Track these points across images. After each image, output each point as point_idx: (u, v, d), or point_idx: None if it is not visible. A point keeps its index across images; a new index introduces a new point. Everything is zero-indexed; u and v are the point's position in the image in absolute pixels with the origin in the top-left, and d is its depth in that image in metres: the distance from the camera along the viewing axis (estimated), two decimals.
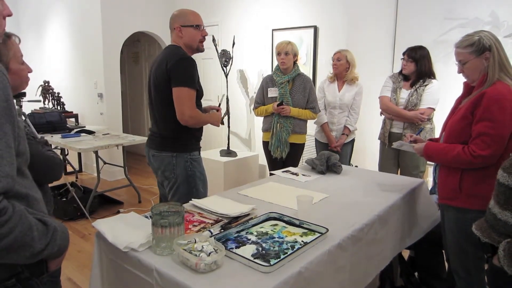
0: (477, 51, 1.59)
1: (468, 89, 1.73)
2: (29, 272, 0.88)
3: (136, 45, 6.09)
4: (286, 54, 2.91)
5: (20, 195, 0.84)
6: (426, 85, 2.73)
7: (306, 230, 1.39)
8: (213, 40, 4.25)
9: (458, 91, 1.84)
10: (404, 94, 2.81)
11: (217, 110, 2.22)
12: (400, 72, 2.88)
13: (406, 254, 2.36)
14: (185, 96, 1.91)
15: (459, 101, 1.78)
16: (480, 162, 1.56)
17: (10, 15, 0.92)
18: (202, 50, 2.11)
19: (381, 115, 2.99)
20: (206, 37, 2.09)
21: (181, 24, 2.00)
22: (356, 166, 3.23)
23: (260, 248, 1.24)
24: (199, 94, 2.03)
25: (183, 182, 2.02)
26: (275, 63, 3.10)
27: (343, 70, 3.08)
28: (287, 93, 2.95)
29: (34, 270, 0.90)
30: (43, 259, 0.91)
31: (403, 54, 2.81)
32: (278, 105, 2.91)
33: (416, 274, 2.31)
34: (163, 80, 1.94)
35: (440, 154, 1.69)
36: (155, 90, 2.01)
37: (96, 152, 3.84)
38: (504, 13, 2.87)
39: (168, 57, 1.95)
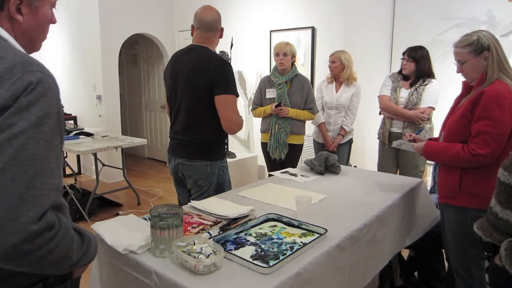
0: (475, 50, 1.59)
1: (467, 88, 1.74)
2: (54, 278, 0.88)
3: (134, 47, 6.09)
4: (284, 55, 2.91)
5: (58, 205, 0.81)
6: (426, 85, 2.75)
7: (305, 231, 1.39)
8: None
9: (455, 90, 1.84)
10: (404, 93, 2.82)
11: None
12: (400, 72, 2.88)
13: (405, 253, 2.36)
14: (233, 104, 1.86)
15: (458, 100, 1.78)
16: (479, 161, 1.56)
17: (54, 23, 0.92)
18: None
19: (380, 114, 3.00)
20: None
21: (221, 26, 1.97)
22: (355, 167, 3.24)
23: (259, 249, 1.24)
24: None
25: (213, 190, 1.98)
26: (273, 64, 3.11)
27: (339, 72, 3.10)
28: (285, 94, 2.96)
29: (60, 276, 0.89)
30: None
31: (403, 54, 2.81)
32: (276, 106, 2.91)
33: (415, 273, 2.31)
34: (204, 86, 1.83)
35: (440, 153, 1.70)
36: (190, 96, 1.88)
37: (95, 154, 3.83)
38: (500, 13, 2.89)
39: (208, 61, 1.85)
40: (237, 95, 1.89)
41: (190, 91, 1.89)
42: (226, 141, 2.07)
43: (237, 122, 1.88)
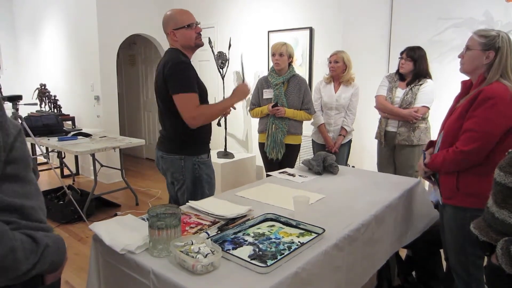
0: (485, 45, 1.59)
1: (466, 88, 1.75)
2: (21, 285, 0.84)
3: (132, 48, 6.08)
4: (280, 55, 2.92)
5: (13, 207, 0.79)
6: (421, 85, 2.77)
7: (302, 231, 1.39)
8: (209, 42, 4.26)
9: (453, 90, 1.85)
10: (400, 93, 2.84)
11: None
12: (397, 72, 2.90)
13: (403, 253, 2.37)
14: (185, 102, 1.91)
15: (457, 100, 1.78)
16: (462, 159, 1.57)
17: None
18: (201, 45, 2.08)
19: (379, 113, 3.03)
20: (201, 33, 2.07)
21: (173, 28, 2.00)
22: (353, 167, 3.24)
23: (257, 249, 1.24)
24: (203, 94, 2.03)
25: (190, 184, 2.05)
26: (271, 64, 3.11)
27: (340, 72, 3.10)
28: (282, 94, 2.96)
29: (28, 285, 0.85)
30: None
31: (401, 53, 2.83)
32: (272, 106, 2.91)
33: (413, 273, 2.32)
34: (163, 86, 1.96)
35: (435, 164, 1.70)
36: (158, 95, 2.03)
37: (93, 155, 3.83)
38: (498, 13, 2.90)
39: (166, 62, 1.96)
40: (192, 92, 1.92)
41: (158, 91, 2.02)
42: (205, 138, 2.12)
43: (190, 116, 1.92)
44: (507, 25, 2.87)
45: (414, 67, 2.77)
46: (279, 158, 3.00)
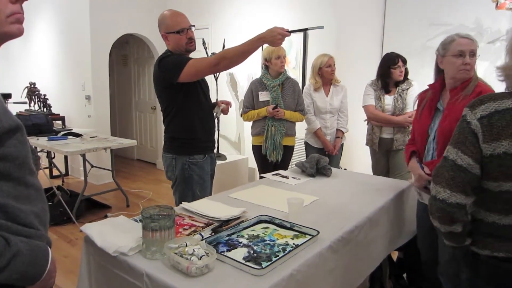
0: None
1: (436, 92, 1.78)
2: None
3: (125, 47, 6.03)
4: (284, 57, 2.96)
5: None
6: (408, 89, 2.83)
7: (297, 233, 1.39)
8: (203, 43, 4.25)
9: None
10: (388, 100, 2.86)
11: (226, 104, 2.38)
12: (378, 79, 2.88)
13: (395, 256, 2.39)
14: (194, 68, 1.91)
15: (421, 103, 1.84)
16: None
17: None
18: (193, 50, 2.09)
19: (367, 122, 3.03)
20: (193, 37, 2.10)
21: (165, 31, 2.04)
22: (345, 169, 3.26)
23: (252, 251, 1.23)
24: (203, 84, 2.14)
25: (180, 183, 2.09)
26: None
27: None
28: (279, 96, 2.97)
29: None
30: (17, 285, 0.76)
31: (395, 62, 2.78)
32: (273, 109, 2.92)
33: (404, 275, 2.33)
34: (156, 88, 2.08)
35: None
36: (157, 97, 2.14)
37: (83, 155, 3.78)
38: (487, 20, 2.95)
39: (154, 66, 2.07)
40: (186, 61, 1.91)
41: (155, 93, 2.13)
42: (202, 136, 2.13)
43: (211, 66, 1.92)
44: (497, 32, 2.92)
45: (405, 71, 2.84)
46: (278, 160, 3.00)
